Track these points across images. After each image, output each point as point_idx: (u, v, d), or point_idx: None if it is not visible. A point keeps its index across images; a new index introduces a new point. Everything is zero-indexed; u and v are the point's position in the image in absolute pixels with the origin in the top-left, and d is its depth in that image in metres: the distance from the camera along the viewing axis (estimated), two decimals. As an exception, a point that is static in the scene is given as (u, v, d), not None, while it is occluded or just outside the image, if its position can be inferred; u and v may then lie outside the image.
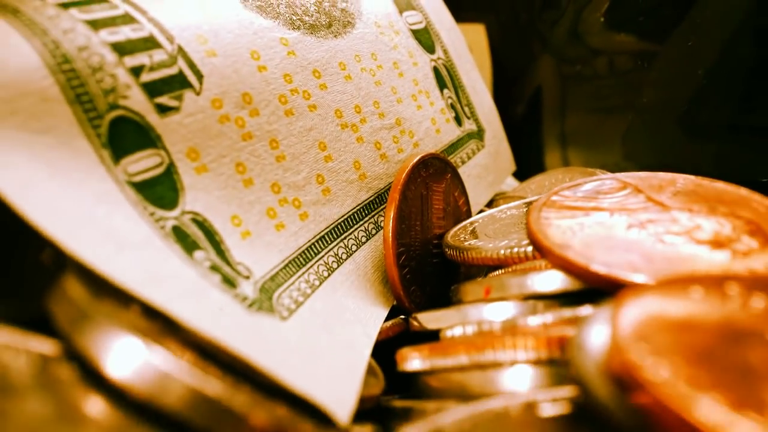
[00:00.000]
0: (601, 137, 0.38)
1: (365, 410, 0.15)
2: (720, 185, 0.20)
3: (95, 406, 0.10)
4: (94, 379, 0.11)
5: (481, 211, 0.28)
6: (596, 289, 0.16)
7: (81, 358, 0.11)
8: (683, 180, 0.20)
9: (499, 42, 0.43)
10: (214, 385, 0.11)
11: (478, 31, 0.41)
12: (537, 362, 0.13)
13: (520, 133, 0.41)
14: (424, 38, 0.29)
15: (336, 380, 0.15)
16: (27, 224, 0.13)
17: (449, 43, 0.30)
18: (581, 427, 0.11)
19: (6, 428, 0.08)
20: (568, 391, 0.13)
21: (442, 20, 0.31)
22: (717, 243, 0.16)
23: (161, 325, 0.12)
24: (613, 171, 0.31)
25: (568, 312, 0.15)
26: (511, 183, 0.37)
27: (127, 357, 0.11)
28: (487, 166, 0.30)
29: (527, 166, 0.40)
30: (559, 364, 0.13)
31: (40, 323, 0.13)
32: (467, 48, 0.33)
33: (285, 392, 0.13)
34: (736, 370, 0.09)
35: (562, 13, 0.38)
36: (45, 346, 0.11)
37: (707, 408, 0.08)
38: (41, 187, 0.14)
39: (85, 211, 0.14)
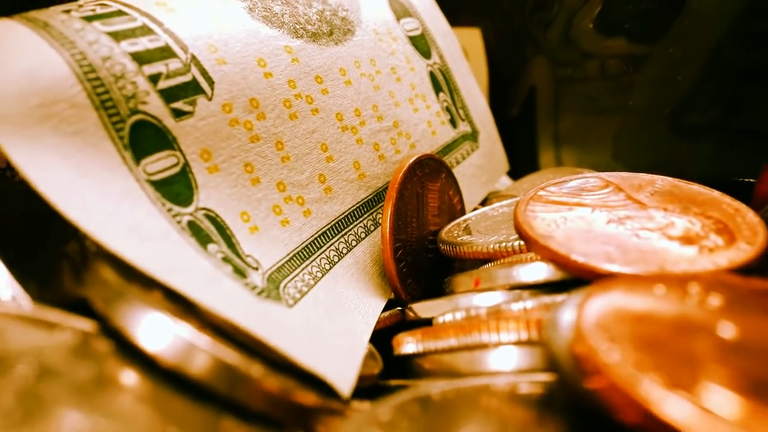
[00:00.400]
0: (592, 138, 0.40)
1: (364, 389, 0.17)
2: (694, 187, 0.21)
3: (129, 374, 0.12)
4: (129, 350, 0.12)
5: (475, 209, 0.30)
6: (576, 280, 0.17)
7: (116, 334, 0.13)
8: (661, 181, 0.22)
9: (494, 45, 0.45)
10: (233, 356, 0.13)
11: (474, 35, 0.43)
12: (518, 343, 0.15)
13: (514, 133, 0.43)
14: (421, 44, 0.30)
15: (338, 359, 0.16)
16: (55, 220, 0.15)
17: (445, 48, 0.32)
18: (554, 406, 0.13)
19: (57, 395, 0.10)
20: (545, 374, 0.14)
21: (438, 26, 0.32)
22: (687, 239, 0.18)
23: (182, 306, 0.14)
24: (603, 170, 0.32)
25: (548, 299, 0.16)
26: (505, 182, 0.39)
27: (157, 331, 0.13)
28: (481, 166, 0.32)
29: (522, 165, 0.42)
30: (538, 345, 0.15)
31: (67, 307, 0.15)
32: (462, 52, 0.35)
33: (292, 369, 0.15)
34: (680, 356, 0.11)
35: (553, 17, 0.40)
36: (85, 323, 0.13)
37: (648, 387, 0.10)
38: (73, 186, 0.15)
39: (112, 207, 0.16)
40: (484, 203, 0.32)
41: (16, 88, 0.16)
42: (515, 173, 0.40)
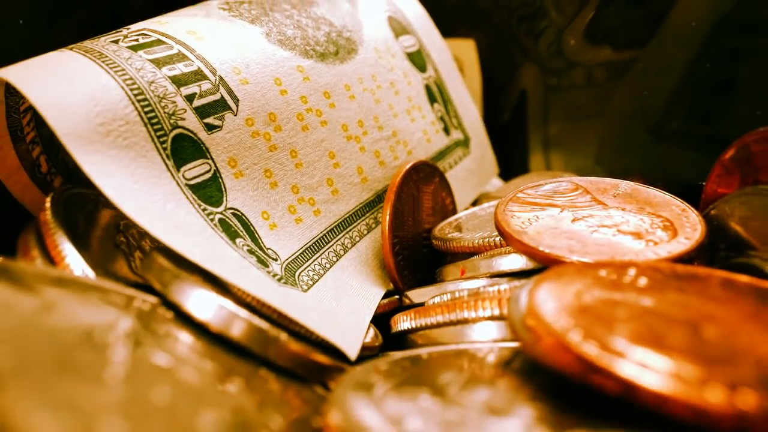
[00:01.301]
0: (577, 142, 0.44)
1: (366, 358, 0.21)
2: (651, 191, 0.25)
3: (186, 336, 0.15)
4: (184, 319, 0.16)
5: (466, 209, 0.34)
6: (545, 268, 0.21)
7: (174, 306, 0.16)
8: (624, 185, 0.26)
9: (487, 54, 0.49)
10: (265, 323, 0.17)
11: (468, 47, 0.46)
12: (492, 318, 0.19)
13: (507, 137, 0.47)
14: (417, 59, 0.34)
15: (346, 332, 0.20)
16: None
17: (439, 62, 0.36)
18: (517, 366, 0.17)
19: (147, 345, 0.14)
20: (512, 342, 0.18)
21: (434, 42, 0.36)
22: (637, 234, 0.22)
23: (220, 287, 0.18)
24: (586, 173, 0.36)
25: (519, 284, 0.20)
26: (496, 183, 0.43)
27: (206, 304, 0.16)
28: (472, 170, 0.36)
29: (514, 167, 0.46)
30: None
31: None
32: (457, 63, 0.38)
33: (309, 338, 0.19)
34: (606, 319, 0.15)
35: (542, 30, 0.44)
36: (152, 298, 0.17)
37: (583, 345, 0.14)
38: (130, 190, 0.19)
39: (160, 208, 0.20)
40: (475, 203, 0.36)
41: (83, 110, 0.20)
42: (508, 175, 0.44)
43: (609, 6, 0.41)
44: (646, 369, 0.12)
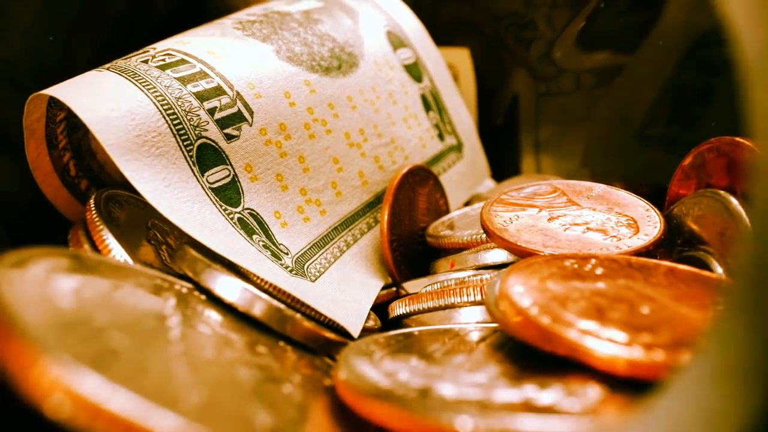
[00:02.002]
0: (566, 146, 0.48)
1: (367, 339, 0.24)
2: (621, 193, 0.29)
3: (216, 315, 0.19)
4: (214, 301, 0.20)
5: (459, 209, 0.37)
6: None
7: (206, 290, 0.20)
8: (598, 188, 0.29)
9: (481, 62, 0.53)
10: (282, 305, 0.20)
11: (463, 55, 0.50)
12: (474, 303, 0.23)
13: (500, 140, 0.51)
14: (414, 71, 0.38)
15: (349, 315, 0.24)
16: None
17: (435, 73, 0.40)
18: (496, 342, 0.20)
19: (184, 322, 0.17)
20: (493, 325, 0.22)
21: (429, 54, 0.40)
22: (603, 231, 0.25)
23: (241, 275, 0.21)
24: (574, 176, 0.40)
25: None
26: (488, 185, 0.46)
27: (233, 288, 0.20)
28: (465, 173, 0.39)
29: (507, 169, 0.49)
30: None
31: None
32: (453, 71, 0.42)
33: (318, 319, 0.22)
34: (562, 300, 0.18)
35: (531, 41, 0.47)
36: (186, 283, 0.20)
37: (540, 318, 0.17)
38: (162, 193, 0.23)
39: (188, 208, 0.23)
40: (468, 203, 0.40)
41: (123, 123, 0.23)
42: (501, 177, 0.48)
43: (598, 17, 0.44)
44: (588, 335, 0.16)
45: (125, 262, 0.21)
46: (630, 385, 0.15)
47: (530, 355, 0.17)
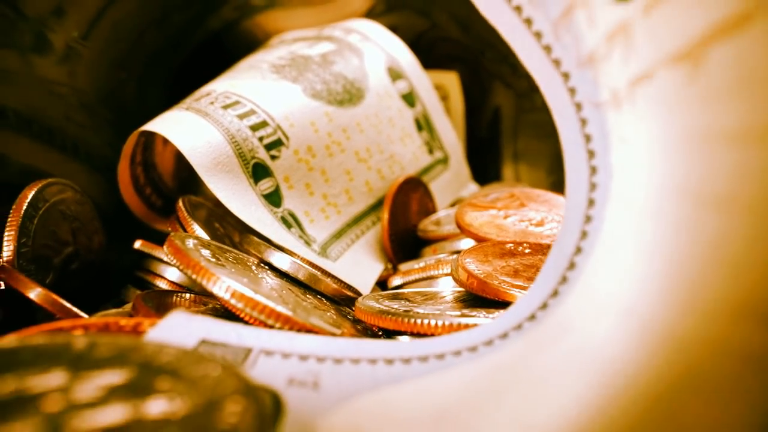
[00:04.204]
0: (538, 157, 0.60)
1: (373, 302, 0.37)
2: (562, 198, 0.41)
3: (271, 278, 0.31)
4: (271, 268, 0.32)
5: (445, 209, 0.50)
6: (485, 248, 0.37)
7: (266, 261, 0.32)
8: (546, 195, 0.42)
9: (468, 81, 0.65)
10: (317, 271, 0.33)
11: (452, 78, 0.62)
12: (447, 275, 0.35)
13: (484, 150, 0.63)
14: (409, 99, 0.50)
15: (360, 285, 0.36)
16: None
17: (426, 99, 0.52)
18: (466, 300, 0.33)
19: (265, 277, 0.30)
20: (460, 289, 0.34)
21: (422, 83, 0.52)
22: (540, 224, 0.38)
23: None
24: (544, 184, 0.52)
25: (465, 255, 0.36)
26: (472, 189, 0.58)
27: (285, 261, 0.32)
28: (450, 181, 0.52)
29: (490, 176, 0.62)
30: (457, 275, 0.35)
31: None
32: (443, 92, 0.55)
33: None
34: (495, 267, 0.31)
35: (503, 58, 0.59)
36: (253, 259, 0.33)
37: (480, 275, 0.30)
38: (232, 199, 0.35)
39: (249, 210, 0.36)
40: (453, 205, 0.52)
41: (204, 149, 0.36)
42: (485, 182, 0.60)
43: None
44: (504, 284, 0.28)
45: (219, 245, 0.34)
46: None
47: (476, 302, 0.30)
